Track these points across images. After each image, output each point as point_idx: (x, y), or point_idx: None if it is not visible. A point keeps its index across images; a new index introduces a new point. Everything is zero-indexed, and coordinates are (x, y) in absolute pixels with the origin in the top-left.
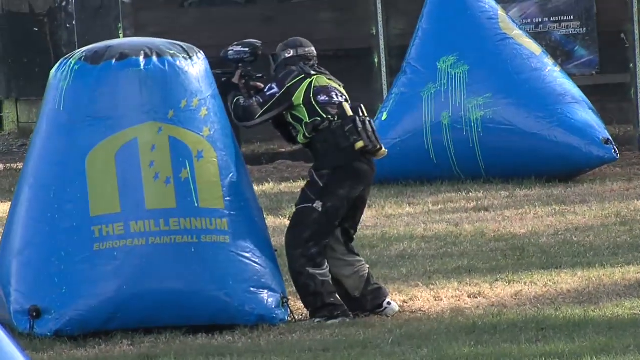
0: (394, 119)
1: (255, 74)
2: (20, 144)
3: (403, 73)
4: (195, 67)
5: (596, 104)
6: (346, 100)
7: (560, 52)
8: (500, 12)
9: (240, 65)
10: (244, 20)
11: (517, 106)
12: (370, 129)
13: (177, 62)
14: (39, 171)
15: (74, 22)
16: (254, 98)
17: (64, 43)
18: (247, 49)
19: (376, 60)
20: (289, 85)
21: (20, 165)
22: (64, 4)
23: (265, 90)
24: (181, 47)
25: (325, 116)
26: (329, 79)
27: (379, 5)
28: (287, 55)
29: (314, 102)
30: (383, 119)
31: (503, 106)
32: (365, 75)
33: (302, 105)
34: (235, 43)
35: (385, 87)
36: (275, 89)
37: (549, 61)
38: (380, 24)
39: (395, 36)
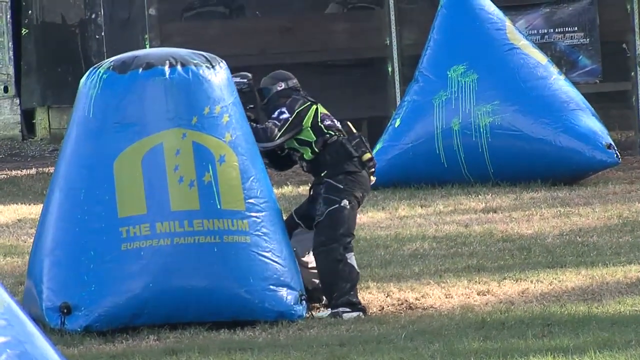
0: (407, 125)
1: (247, 106)
2: (51, 149)
3: (415, 81)
4: (218, 75)
5: (599, 111)
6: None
7: (564, 61)
8: (508, 24)
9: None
10: (263, 32)
11: (523, 113)
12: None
13: (201, 71)
14: (69, 175)
15: (103, 34)
16: (268, 122)
17: (94, 53)
18: (245, 81)
19: (390, 69)
20: (298, 110)
21: (51, 169)
22: (93, 16)
23: (276, 115)
24: (204, 57)
25: (333, 133)
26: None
27: (393, 17)
28: (279, 88)
29: (320, 125)
30: (396, 125)
31: (510, 113)
32: (380, 84)
33: (309, 129)
34: (233, 75)
35: (398, 94)
36: (287, 114)
37: (554, 70)
38: (394, 34)
39: (408, 46)
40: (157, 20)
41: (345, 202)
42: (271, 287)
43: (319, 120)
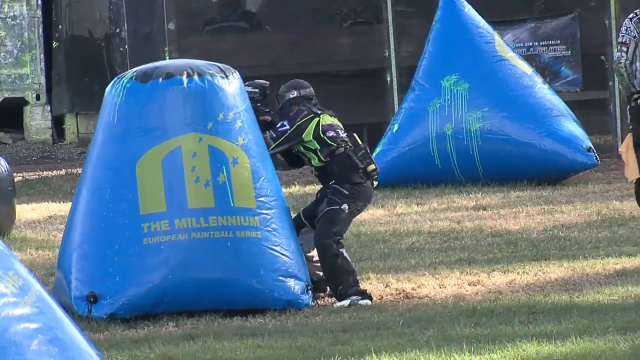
0: (404, 131)
1: (264, 109)
2: (79, 152)
3: (412, 90)
4: (231, 85)
5: (580, 117)
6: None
7: (548, 71)
8: (497, 37)
9: (257, 104)
10: (273, 45)
11: (511, 119)
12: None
13: (216, 81)
14: (95, 176)
15: (126, 47)
16: (267, 132)
17: (118, 64)
18: (257, 90)
19: (388, 79)
20: (299, 123)
21: (79, 171)
22: (118, 30)
23: (278, 126)
24: (219, 67)
25: (337, 145)
26: (332, 117)
27: (391, 31)
28: (291, 96)
29: (323, 137)
30: (394, 130)
31: (499, 119)
32: (379, 92)
33: (312, 140)
34: (247, 83)
35: (396, 102)
36: (287, 126)
37: (538, 80)
38: (392, 47)
39: (405, 58)
40: (176, 34)
41: (345, 206)
42: (280, 278)
43: (321, 131)
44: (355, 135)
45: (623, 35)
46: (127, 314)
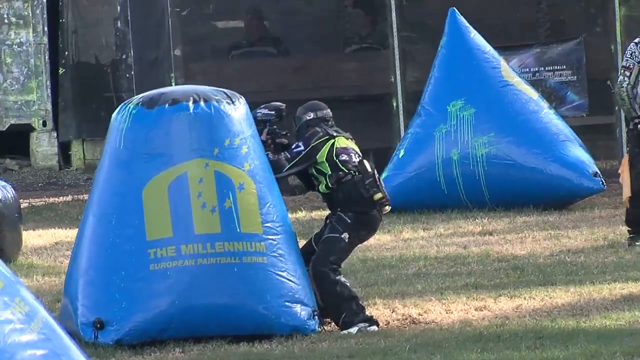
0: (410, 156)
1: (281, 132)
2: (85, 177)
3: (418, 115)
4: (238, 110)
5: (586, 142)
6: (361, 157)
7: (554, 97)
8: (502, 62)
9: (267, 125)
10: (279, 70)
11: (517, 144)
12: (383, 185)
13: (222, 107)
14: (102, 201)
15: (132, 73)
16: (282, 154)
17: (124, 90)
18: (273, 112)
19: (394, 104)
20: (314, 144)
21: (85, 197)
22: (124, 56)
23: (293, 147)
24: (225, 93)
25: (347, 170)
26: (348, 139)
27: (397, 57)
28: (307, 118)
29: (336, 160)
30: (400, 155)
31: (505, 144)
32: (385, 117)
33: (325, 162)
34: (263, 106)
35: (402, 127)
36: (302, 147)
37: (544, 105)
38: (398, 72)
39: (411, 83)
40: (182, 60)
41: (345, 235)
42: (287, 303)
43: (334, 154)
44: (366, 162)
45: (627, 60)
46: (134, 340)
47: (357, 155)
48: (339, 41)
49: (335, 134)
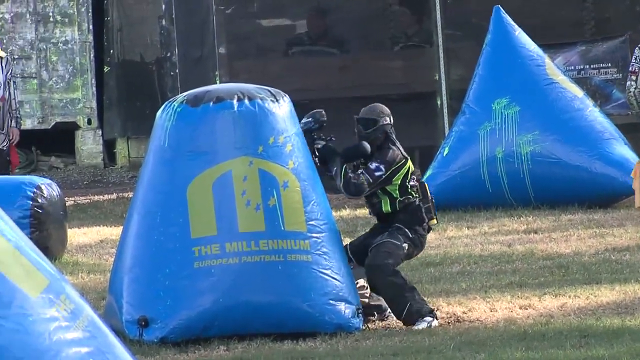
0: (455, 154)
1: (326, 137)
2: (130, 176)
3: (462, 113)
4: (282, 108)
5: (631, 140)
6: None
7: (599, 94)
8: (547, 60)
9: (314, 134)
10: (323, 68)
11: (562, 142)
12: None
13: (266, 105)
14: (146, 199)
15: (177, 71)
16: (361, 175)
17: (169, 88)
18: (310, 119)
19: (439, 102)
20: (394, 168)
21: (130, 195)
22: (169, 54)
23: (373, 168)
24: (269, 91)
25: (414, 195)
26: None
27: (441, 55)
28: (384, 122)
29: (407, 184)
30: (445, 154)
31: (550, 142)
32: (430, 116)
33: (397, 185)
34: (305, 116)
35: (446, 125)
36: (383, 171)
37: (589, 102)
38: (443, 71)
39: (455, 81)
40: (226, 58)
41: (405, 245)
42: (331, 301)
43: (408, 179)
44: (426, 185)
45: (633, 64)
46: (178, 338)
47: (414, 179)
48: (384, 39)
49: (406, 156)
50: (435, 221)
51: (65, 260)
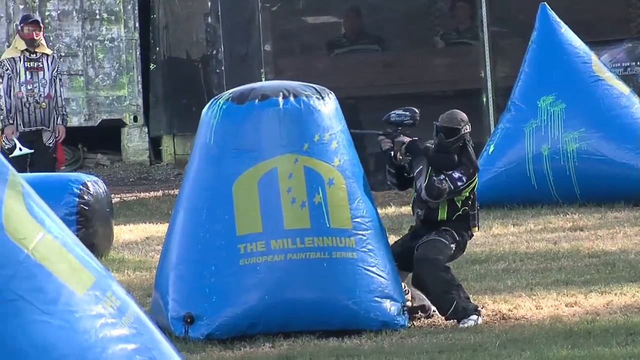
0: (500, 151)
1: (413, 137)
2: (176, 173)
3: (508, 111)
4: (327, 106)
5: None
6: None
7: None
8: (593, 57)
9: (399, 128)
10: (367, 66)
11: (608, 139)
12: None
13: (311, 102)
14: (192, 196)
15: (223, 68)
16: (444, 182)
17: (215, 86)
18: (407, 113)
19: (484, 99)
20: (469, 182)
21: (176, 192)
22: (215, 52)
23: (457, 178)
24: (314, 88)
25: (471, 207)
26: None
27: (487, 52)
28: (465, 131)
29: (470, 196)
30: (490, 151)
31: (596, 139)
32: (475, 113)
33: (464, 196)
34: (398, 109)
35: (492, 123)
36: (463, 182)
37: (636, 100)
38: (488, 68)
39: (501, 78)
40: (272, 55)
41: (452, 246)
42: (376, 299)
43: (473, 191)
44: (475, 192)
45: None
46: (224, 335)
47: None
48: (428, 36)
49: (478, 166)
50: (477, 229)
51: (111, 257)
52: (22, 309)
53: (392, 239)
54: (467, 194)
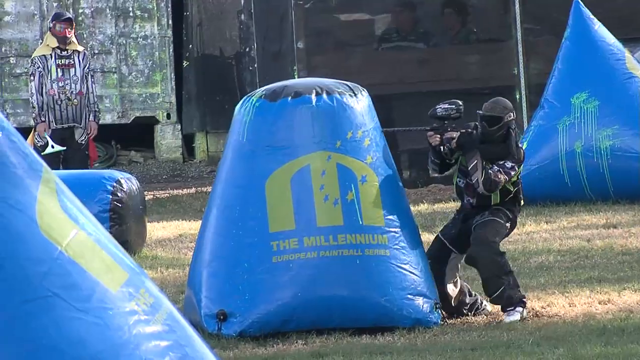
0: (534, 148)
1: (461, 130)
2: (209, 170)
3: (541, 108)
4: (360, 103)
5: None
6: None
7: None
8: (627, 54)
9: (445, 122)
10: (400, 63)
11: None
12: None
13: (344, 99)
14: (225, 193)
15: (256, 65)
16: (500, 174)
17: (248, 83)
18: (453, 106)
19: (517, 96)
20: (518, 169)
21: (209, 189)
22: (248, 49)
23: (509, 167)
24: (347, 86)
25: (519, 188)
26: None
27: (520, 49)
28: (509, 119)
29: (518, 180)
30: (523, 148)
31: (629, 136)
32: None
33: (513, 181)
34: (443, 102)
35: (525, 120)
36: (516, 171)
37: None
38: (521, 65)
39: (534, 75)
40: (304, 53)
41: (507, 224)
42: (409, 296)
43: (519, 176)
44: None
45: None
46: (257, 332)
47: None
48: (462, 33)
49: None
50: (522, 202)
51: (145, 254)
52: (56, 305)
53: (425, 236)
54: (516, 178)
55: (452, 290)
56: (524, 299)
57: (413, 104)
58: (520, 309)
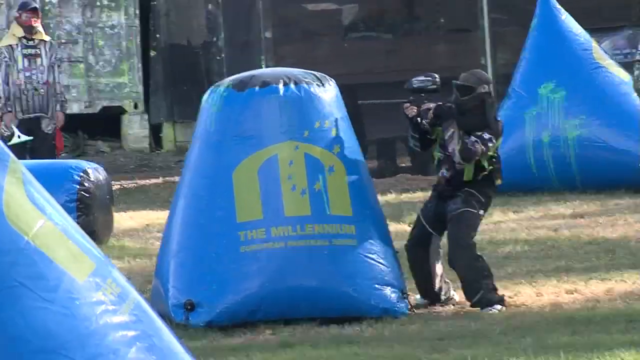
0: None
1: (437, 102)
2: (176, 160)
3: (508, 97)
4: (327, 93)
5: None
6: None
7: None
8: (594, 44)
9: (422, 94)
10: (368, 53)
11: (608, 126)
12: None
13: (312, 89)
14: (192, 183)
15: (223, 55)
16: (477, 144)
17: (215, 73)
18: (429, 79)
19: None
20: (495, 141)
21: (176, 179)
22: (215, 39)
23: (487, 139)
24: (315, 75)
25: (495, 166)
26: None
27: (488, 39)
28: (483, 90)
29: (494, 155)
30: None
31: (596, 126)
32: None
33: (488, 155)
34: (418, 74)
35: None
36: (493, 143)
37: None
38: (489, 55)
39: (501, 65)
40: (272, 43)
41: (481, 212)
42: (376, 286)
43: (496, 151)
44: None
45: None
46: (224, 322)
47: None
48: (429, 24)
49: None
50: (500, 181)
51: (112, 244)
52: (23, 295)
53: (392, 226)
54: (492, 153)
55: (439, 268)
56: (503, 299)
57: (380, 94)
58: (499, 306)
